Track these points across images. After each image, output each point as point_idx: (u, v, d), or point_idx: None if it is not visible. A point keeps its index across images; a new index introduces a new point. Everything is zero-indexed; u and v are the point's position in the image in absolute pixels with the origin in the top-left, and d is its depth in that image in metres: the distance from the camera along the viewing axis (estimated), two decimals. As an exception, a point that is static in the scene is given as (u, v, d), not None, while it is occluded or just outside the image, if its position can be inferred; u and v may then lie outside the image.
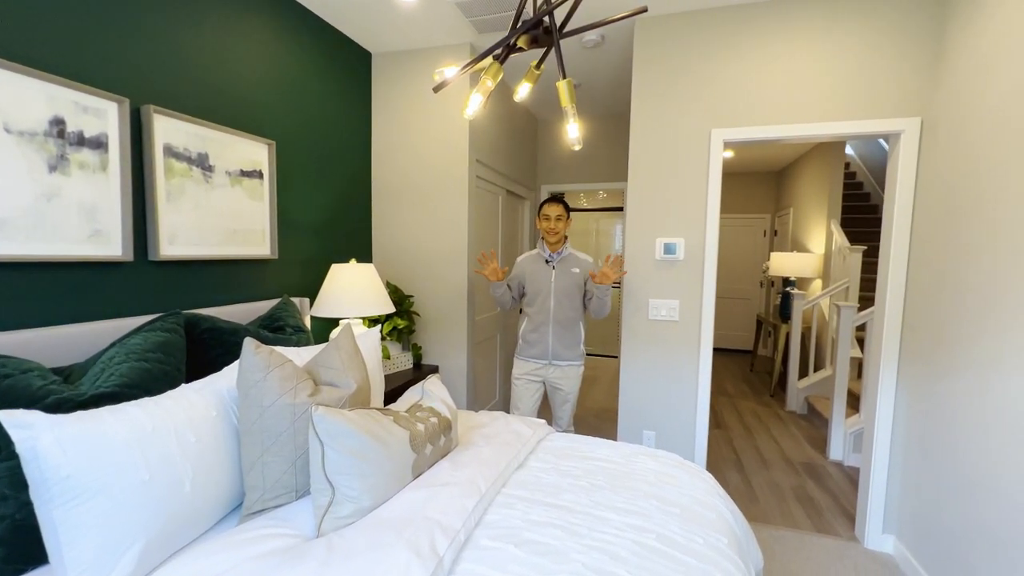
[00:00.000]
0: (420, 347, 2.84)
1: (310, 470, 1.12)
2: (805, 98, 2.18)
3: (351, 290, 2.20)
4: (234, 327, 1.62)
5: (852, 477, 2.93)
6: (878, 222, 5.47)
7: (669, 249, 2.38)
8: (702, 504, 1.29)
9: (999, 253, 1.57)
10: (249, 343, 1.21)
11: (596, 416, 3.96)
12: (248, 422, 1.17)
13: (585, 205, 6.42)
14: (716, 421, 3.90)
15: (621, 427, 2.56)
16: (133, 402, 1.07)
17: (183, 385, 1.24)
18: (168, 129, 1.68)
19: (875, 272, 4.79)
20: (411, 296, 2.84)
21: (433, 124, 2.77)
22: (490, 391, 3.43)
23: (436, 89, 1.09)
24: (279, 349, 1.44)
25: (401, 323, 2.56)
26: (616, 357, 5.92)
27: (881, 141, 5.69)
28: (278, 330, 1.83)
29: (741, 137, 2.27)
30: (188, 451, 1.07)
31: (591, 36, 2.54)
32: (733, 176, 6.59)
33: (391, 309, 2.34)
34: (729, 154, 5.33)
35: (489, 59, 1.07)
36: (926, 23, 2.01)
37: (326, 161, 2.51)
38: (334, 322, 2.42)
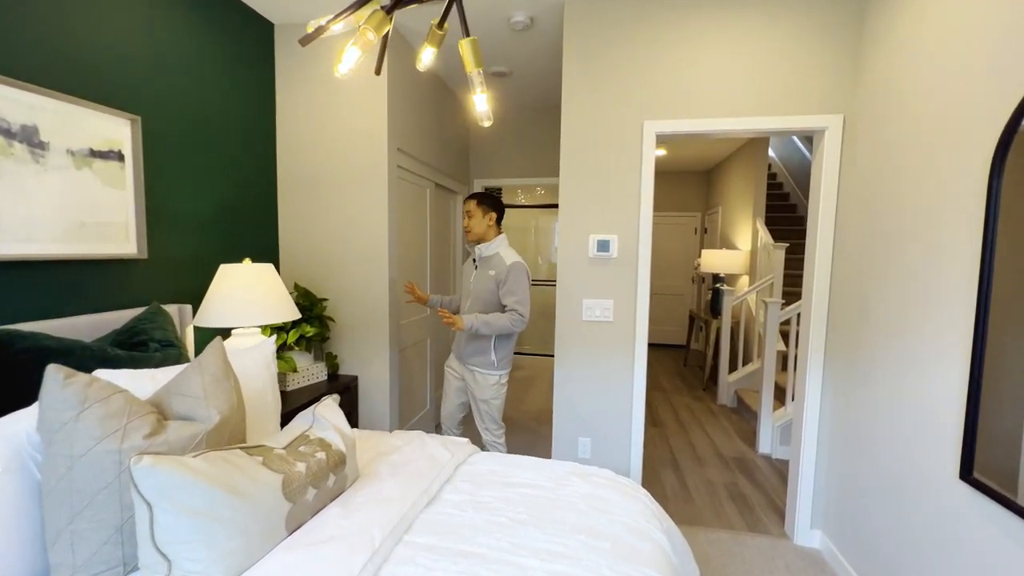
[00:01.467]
0: (336, 356, 2.54)
1: (137, 539, 0.84)
2: (736, 92, 2.12)
3: (244, 294, 1.88)
4: (67, 345, 1.28)
5: (780, 470, 2.99)
6: (798, 220, 5.77)
7: (603, 246, 2.25)
8: (636, 533, 1.14)
9: (914, 252, 1.57)
10: (54, 372, 0.91)
11: (535, 419, 3.82)
12: (53, 477, 0.88)
13: (522, 201, 6.29)
14: (652, 419, 3.89)
15: (556, 436, 2.41)
16: None
17: (-44, 432, 0.91)
18: (-30, 91, 1.30)
19: (797, 268, 5.04)
20: (325, 299, 2.54)
21: (347, 107, 2.47)
22: (420, 400, 3.18)
23: (303, 42, 0.86)
24: (117, 375, 1.14)
25: (310, 330, 2.26)
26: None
27: (799, 143, 6.01)
28: (138, 346, 1.49)
29: (673, 130, 2.18)
30: (-54, 529, 0.77)
31: (519, 17, 2.37)
32: (665, 175, 6.73)
33: (296, 315, 2.04)
34: (661, 152, 5.40)
35: (374, 7, 0.85)
36: (848, 20, 2.01)
37: (216, 144, 2.15)
38: (227, 333, 2.07)
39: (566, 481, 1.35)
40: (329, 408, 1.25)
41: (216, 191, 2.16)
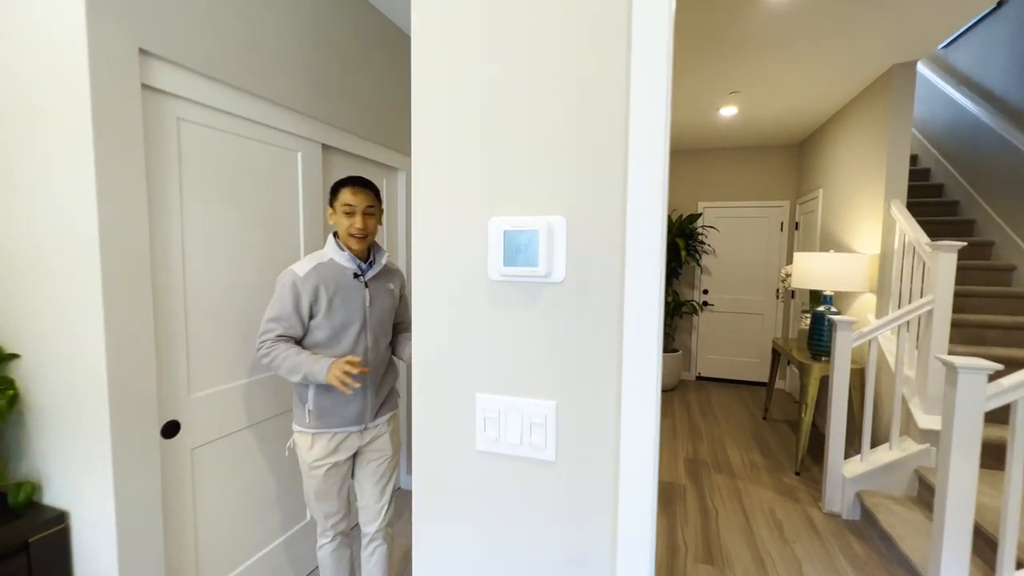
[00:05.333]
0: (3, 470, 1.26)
1: None
2: None
3: None
4: None
5: None
6: (947, 208, 3.84)
7: (521, 250, 0.78)
8: None
9: None
10: None
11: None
12: None
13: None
14: (706, 546, 2.28)
15: None
16: None
17: None
18: None
19: (976, 283, 3.15)
20: (15, 356, 1.28)
21: (26, -35, 1.20)
22: (280, 516, 1.84)
23: None
24: None
25: None
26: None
27: (952, 92, 4.02)
28: None
29: None
30: None
31: None
32: (738, 152, 4.96)
33: None
34: (731, 110, 3.71)
35: None
36: None
37: None
38: None
39: None
40: None
41: None
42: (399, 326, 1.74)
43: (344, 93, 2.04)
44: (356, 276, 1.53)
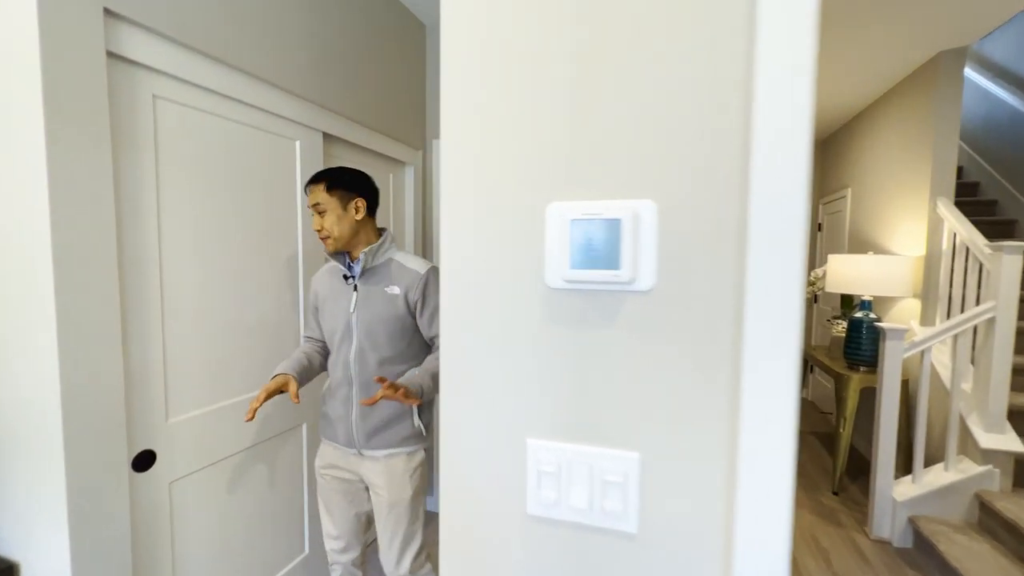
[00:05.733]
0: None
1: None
2: None
3: None
4: None
5: None
6: (986, 207, 3.63)
7: (594, 247, 0.57)
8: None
9: None
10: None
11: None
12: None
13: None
14: (749, 576, 2.05)
15: None
16: None
17: None
18: None
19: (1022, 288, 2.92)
20: (-47, 377, 1.07)
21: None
22: (284, 546, 1.63)
23: None
24: None
25: None
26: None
27: (997, 90, 3.81)
28: None
29: None
30: None
31: None
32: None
33: None
34: (757, 104, 3.49)
35: None
36: None
37: None
38: None
39: None
40: None
41: None
42: (432, 343, 1.41)
43: (349, 79, 1.84)
44: (346, 278, 1.39)
